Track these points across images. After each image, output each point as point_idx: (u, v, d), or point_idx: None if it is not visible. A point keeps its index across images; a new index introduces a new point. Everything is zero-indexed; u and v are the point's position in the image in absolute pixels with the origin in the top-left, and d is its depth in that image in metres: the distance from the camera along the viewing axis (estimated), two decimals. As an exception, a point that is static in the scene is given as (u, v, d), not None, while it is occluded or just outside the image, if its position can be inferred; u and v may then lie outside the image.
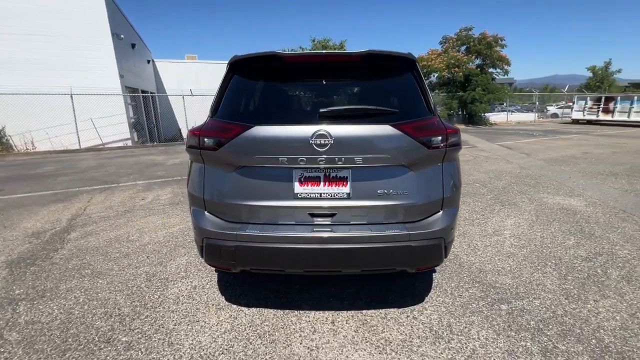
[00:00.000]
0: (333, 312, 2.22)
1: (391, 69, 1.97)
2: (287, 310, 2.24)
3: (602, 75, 51.24)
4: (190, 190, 2.04)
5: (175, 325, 2.09)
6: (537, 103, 25.65)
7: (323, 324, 2.10)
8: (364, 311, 2.22)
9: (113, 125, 12.07)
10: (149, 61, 17.96)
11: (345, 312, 2.22)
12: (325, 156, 1.74)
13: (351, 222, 1.85)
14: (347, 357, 1.82)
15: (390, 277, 2.59)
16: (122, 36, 12.78)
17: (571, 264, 2.81)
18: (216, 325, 2.09)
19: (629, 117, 17.14)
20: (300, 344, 1.93)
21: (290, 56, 1.92)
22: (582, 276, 2.62)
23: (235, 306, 2.29)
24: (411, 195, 1.83)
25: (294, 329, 2.06)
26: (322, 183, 1.82)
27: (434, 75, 19.47)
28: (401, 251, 1.79)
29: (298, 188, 1.83)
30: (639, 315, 2.13)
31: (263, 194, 1.85)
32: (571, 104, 21.81)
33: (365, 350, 1.87)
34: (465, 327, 2.04)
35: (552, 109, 27.22)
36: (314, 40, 14.63)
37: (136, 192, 5.41)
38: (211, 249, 1.89)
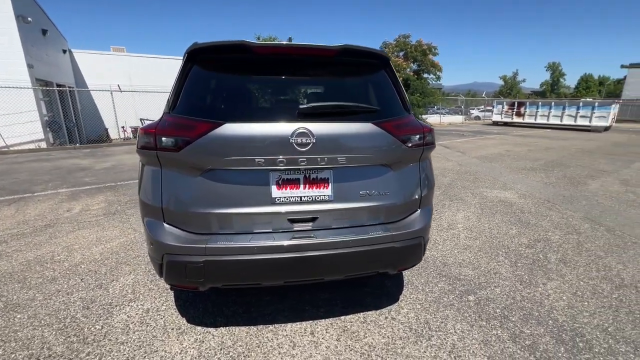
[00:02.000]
0: (311, 321, 2.09)
1: (366, 65, 1.91)
2: (260, 326, 2.05)
3: (511, 84, 59.15)
4: (143, 199, 1.73)
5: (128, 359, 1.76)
6: (463, 106, 28.57)
7: (302, 336, 1.96)
8: (343, 317, 2.14)
9: (22, 123, 10.19)
10: (65, 51, 15.61)
11: (323, 320, 2.11)
12: (306, 156, 1.60)
13: (333, 227, 1.75)
14: (333, 369, 1.71)
15: (362, 279, 2.55)
16: (29, 19, 10.86)
17: (518, 252, 3.09)
18: (180, 354, 1.81)
19: (535, 119, 20.03)
20: (281, 362, 1.77)
21: (262, 47, 1.73)
22: (528, 262, 2.89)
23: (200, 328, 2.02)
24: (392, 195, 1.80)
25: (271, 346, 1.88)
26: (302, 186, 1.68)
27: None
28: (385, 253, 1.75)
29: (276, 192, 1.66)
30: (579, 294, 2.41)
31: (236, 200, 1.64)
32: (491, 107, 24.68)
33: (350, 359, 1.78)
34: (442, 323, 2.08)
35: (475, 112, 30.53)
36: (258, 38, 14.20)
37: (58, 202, 4.59)
38: (174, 267, 1.62)
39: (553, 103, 19.58)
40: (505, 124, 21.52)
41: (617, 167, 7.36)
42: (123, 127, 14.74)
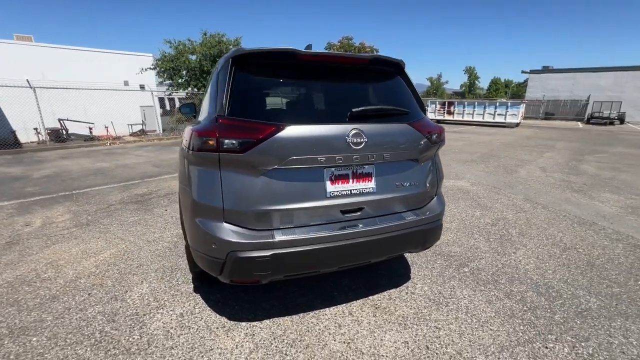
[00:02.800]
0: (344, 304, 2.31)
1: (389, 73, 2.19)
2: (301, 314, 2.20)
3: (436, 85, 65.26)
4: (198, 200, 1.76)
5: (187, 361, 1.78)
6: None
7: (343, 317, 2.17)
8: (370, 297, 2.40)
9: None
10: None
11: (354, 302, 2.34)
12: (359, 154, 1.82)
13: (376, 215, 1.99)
14: (381, 340, 1.96)
15: (372, 264, 2.84)
16: None
17: (487, 230, 3.69)
18: (237, 348, 1.88)
19: (463, 117, 22.72)
20: (335, 340, 1.96)
21: (307, 54, 1.88)
22: (497, 237, 3.49)
23: (244, 323, 2.10)
24: (419, 185, 2.11)
25: (319, 329, 2.06)
26: (350, 180, 1.89)
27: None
28: (416, 235, 2.05)
29: (330, 187, 1.83)
30: (540, 257, 3.03)
31: (296, 196, 1.78)
32: (426, 106, 27.24)
33: (392, 329, 2.05)
34: (451, 291, 2.47)
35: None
36: (205, 34, 13.56)
37: (7, 216, 3.98)
38: (241, 263, 1.69)
39: (476, 102, 22.39)
40: (439, 121, 23.93)
41: (534, 157, 8.89)
42: (36, 129, 12.79)
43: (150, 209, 4.28)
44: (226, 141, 1.66)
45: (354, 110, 1.85)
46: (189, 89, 13.92)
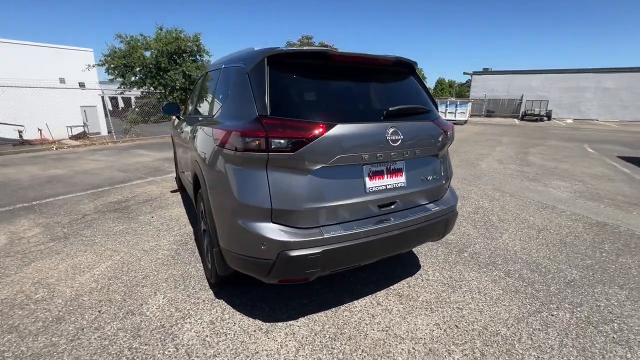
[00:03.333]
0: (370, 296, 2.41)
1: (404, 73, 2.32)
2: (333, 309, 2.25)
3: None
4: (244, 202, 1.73)
5: (237, 366, 1.74)
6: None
7: (373, 307, 2.27)
8: (391, 287, 2.53)
9: None
10: None
11: (379, 292, 2.45)
12: (396, 150, 1.93)
13: (405, 208, 2.11)
14: (415, 324, 2.10)
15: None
16: None
17: (472, 218, 4.04)
18: (282, 348, 1.89)
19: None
20: (373, 329, 2.05)
21: (339, 55, 1.94)
22: (482, 224, 3.84)
23: (280, 323, 2.10)
24: (438, 179, 2.28)
25: (355, 320, 2.13)
26: (385, 176, 1.98)
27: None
28: (439, 224, 2.22)
29: (369, 183, 1.92)
30: (522, 239, 3.40)
31: (340, 193, 1.83)
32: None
33: (421, 314, 2.20)
34: (460, 274, 2.70)
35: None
36: (161, 29, 12.72)
37: (-43, 235, 3.43)
38: (293, 261, 1.71)
39: (429, 102, 23.88)
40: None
41: (488, 150, 9.80)
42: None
43: (134, 217, 3.98)
44: (276, 141, 1.66)
45: (390, 109, 1.95)
46: (145, 87, 12.96)
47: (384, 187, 1.98)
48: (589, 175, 6.45)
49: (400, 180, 2.05)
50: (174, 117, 4.70)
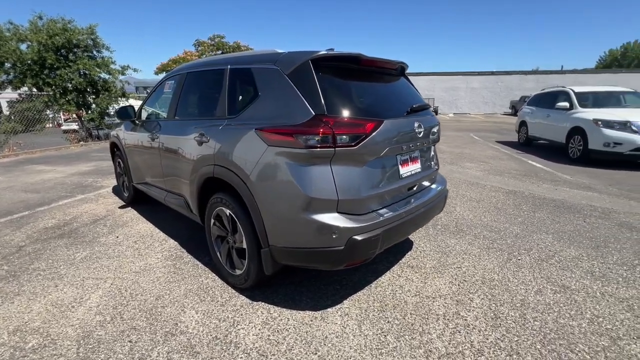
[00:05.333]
0: (389, 271, 2.74)
1: (401, 74, 2.71)
2: (366, 288, 2.50)
3: None
4: (314, 196, 1.84)
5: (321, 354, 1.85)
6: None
7: (398, 280, 2.61)
8: (400, 261, 2.91)
9: None
10: None
11: (393, 267, 2.80)
12: (420, 142, 2.28)
13: (420, 190, 2.50)
14: (435, 285, 2.52)
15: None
16: None
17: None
18: (347, 328, 2.06)
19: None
20: (408, 296, 2.39)
21: (368, 58, 2.18)
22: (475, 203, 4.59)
23: (330, 309, 2.25)
24: (435, 164, 2.75)
25: (390, 293, 2.43)
26: (409, 163, 2.33)
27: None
28: (441, 201, 2.69)
29: (401, 170, 2.23)
30: (470, 209, 4.24)
31: (385, 180, 2.09)
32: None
33: (434, 277, 2.64)
34: (444, 243, 3.27)
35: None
36: (40, 18, 10.37)
37: None
38: (360, 245, 1.90)
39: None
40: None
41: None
42: None
43: (93, 240, 3.41)
44: (341, 137, 1.82)
45: (414, 105, 2.30)
46: (24, 88, 10.45)
47: (410, 173, 2.33)
48: (486, 157, 8.17)
49: (418, 166, 2.44)
50: (122, 124, 4.17)
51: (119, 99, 11.99)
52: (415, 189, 2.44)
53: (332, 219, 1.88)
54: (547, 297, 2.34)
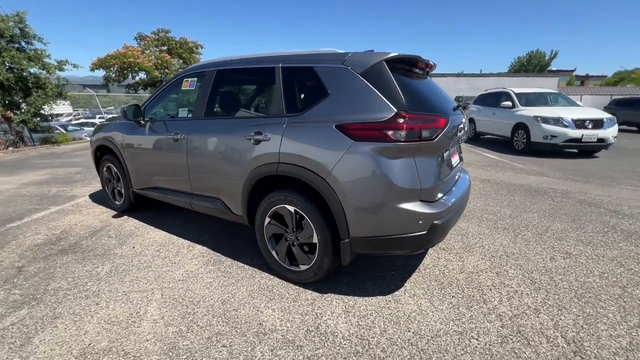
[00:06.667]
0: (428, 255, 3.01)
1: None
2: (416, 272, 2.74)
3: None
4: (403, 186, 2.02)
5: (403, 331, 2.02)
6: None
7: (438, 261, 2.89)
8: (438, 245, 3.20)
9: None
10: None
11: (430, 253, 3.08)
12: (460, 135, 2.57)
13: (459, 179, 2.81)
14: (471, 263, 2.86)
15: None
16: None
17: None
18: (422, 304, 2.26)
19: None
20: (456, 273, 2.68)
21: (421, 60, 2.39)
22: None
23: (397, 292, 2.43)
24: (462, 156, 3.10)
25: (438, 272, 2.70)
26: (454, 155, 2.62)
27: (139, 74, 17.85)
28: (470, 188, 3.05)
29: (452, 161, 2.50)
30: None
31: (446, 171, 2.34)
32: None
33: (468, 256, 2.98)
34: (458, 226, 3.66)
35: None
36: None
37: None
38: (439, 228, 2.12)
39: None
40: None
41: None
42: None
43: (107, 252, 3.08)
44: (425, 132, 2.01)
45: (459, 103, 2.58)
46: None
47: (455, 164, 2.62)
48: (448, 151, 9.05)
49: (457, 157, 2.74)
50: (105, 125, 3.82)
51: (56, 98, 10.48)
52: (457, 177, 2.74)
53: (417, 206, 2.06)
54: (560, 262, 2.83)
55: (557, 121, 7.87)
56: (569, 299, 2.32)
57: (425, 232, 2.09)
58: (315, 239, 2.34)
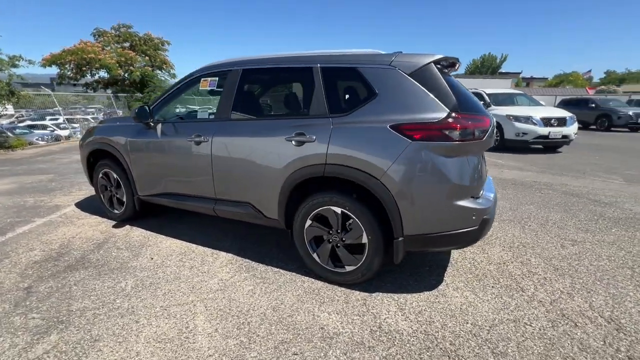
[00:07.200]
0: (472, 248, 3.13)
1: None
2: (451, 263, 2.84)
3: None
4: (460, 183, 2.12)
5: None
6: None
7: (480, 254, 3.03)
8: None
9: None
10: None
11: (452, 245, 3.21)
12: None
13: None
14: (495, 254, 3.03)
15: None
16: None
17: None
18: (469, 297, 2.36)
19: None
20: (487, 264, 2.82)
21: (455, 61, 2.47)
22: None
23: (441, 286, 2.51)
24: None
25: (484, 259, 2.83)
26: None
27: (98, 72, 16.54)
28: None
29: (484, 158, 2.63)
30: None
31: (484, 167, 2.46)
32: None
33: (491, 248, 3.15)
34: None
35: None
36: None
37: None
38: (488, 223, 2.23)
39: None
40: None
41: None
42: None
43: (123, 266, 2.84)
44: (478, 131, 2.10)
45: (484, 103, 2.70)
46: None
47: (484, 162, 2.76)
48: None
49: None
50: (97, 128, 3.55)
51: (7, 98, 9.38)
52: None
53: (470, 202, 2.15)
54: (571, 250, 3.10)
55: (528, 119, 8.54)
56: (592, 281, 2.55)
57: (477, 227, 2.19)
58: (364, 239, 2.35)
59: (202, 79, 3.08)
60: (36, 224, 3.81)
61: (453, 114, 2.09)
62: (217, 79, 3.00)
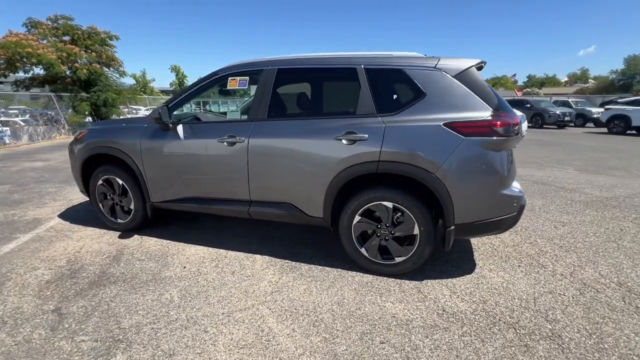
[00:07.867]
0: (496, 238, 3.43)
1: None
2: (474, 255, 3.12)
3: (143, 82, 58.67)
4: (505, 174, 2.38)
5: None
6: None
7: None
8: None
9: None
10: None
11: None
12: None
13: None
14: (512, 239, 3.39)
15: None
16: None
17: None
18: (502, 276, 2.63)
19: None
20: (503, 247, 3.15)
21: (481, 64, 2.73)
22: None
23: (478, 269, 2.76)
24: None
25: (512, 248, 3.14)
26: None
27: (33, 69, 14.56)
28: None
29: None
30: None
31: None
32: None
33: (504, 232, 3.51)
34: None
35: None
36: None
37: None
38: (523, 209, 2.51)
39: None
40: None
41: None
42: None
43: (156, 277, 2.64)
44: (516, 128, 2.36)
45: (507, 100, 3.02)
46: None
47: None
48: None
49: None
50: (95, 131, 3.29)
51: None
52: None
53: (511, 191, 2.42)
54: (564, 230, 3.59)
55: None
56: (592, 254, 3.01)
57: (516, 213, 2.47)
58: (415, 231, 2.50)
59: (230, 78, 2.98)
60: (22, 241, 3.33)
61: (497, 113, 2.34)
62: (247, 78, 2.93)
